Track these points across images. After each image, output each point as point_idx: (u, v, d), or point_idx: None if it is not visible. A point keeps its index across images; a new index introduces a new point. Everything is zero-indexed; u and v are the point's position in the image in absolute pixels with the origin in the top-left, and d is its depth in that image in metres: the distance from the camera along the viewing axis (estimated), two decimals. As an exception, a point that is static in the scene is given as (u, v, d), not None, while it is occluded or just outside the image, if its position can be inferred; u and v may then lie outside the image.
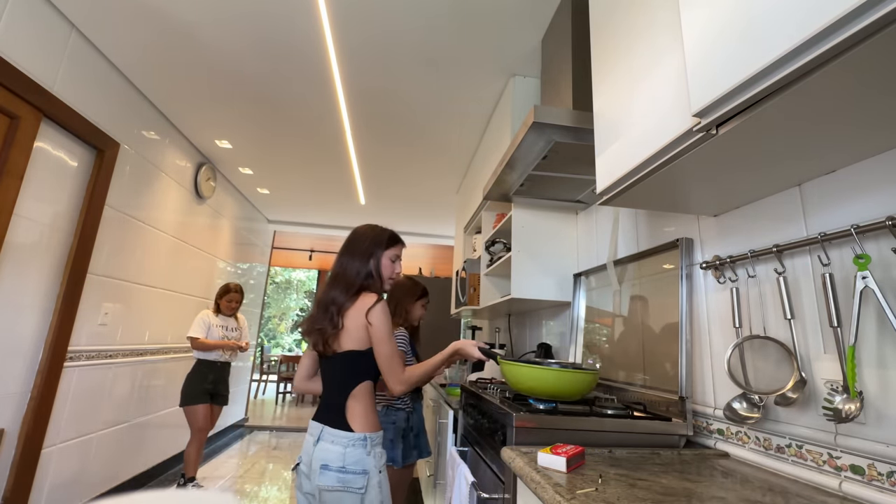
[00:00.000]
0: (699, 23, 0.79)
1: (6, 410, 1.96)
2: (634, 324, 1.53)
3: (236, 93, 2.68)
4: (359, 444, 1.19)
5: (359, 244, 1.36)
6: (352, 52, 2.22)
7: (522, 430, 1.11)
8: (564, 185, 1.79)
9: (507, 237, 2.24)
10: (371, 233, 1.39)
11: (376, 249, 1.35)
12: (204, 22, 2.06)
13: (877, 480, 0.79)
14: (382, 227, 1.43)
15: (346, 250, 1.37)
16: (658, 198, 1.16)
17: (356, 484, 1.16)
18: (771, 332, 1.03)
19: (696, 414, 1.23)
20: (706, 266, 1.22)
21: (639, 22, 1.07)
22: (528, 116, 1.39)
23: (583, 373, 1.26)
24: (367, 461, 1.18)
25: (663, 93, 0.94)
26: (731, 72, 0.69)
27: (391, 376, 1.23)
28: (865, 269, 0.81)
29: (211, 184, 3.81)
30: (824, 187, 0.94)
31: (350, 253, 1.36)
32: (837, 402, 0.82)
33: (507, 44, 2.09)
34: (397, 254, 1.40)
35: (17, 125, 1.86)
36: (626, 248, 1.65)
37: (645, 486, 0.81)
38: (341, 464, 1.17)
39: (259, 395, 7.73)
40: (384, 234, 1.40)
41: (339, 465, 1.17)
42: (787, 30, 0.60)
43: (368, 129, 3.06)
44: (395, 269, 1.38)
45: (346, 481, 1.16)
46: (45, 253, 2.11)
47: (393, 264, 1.38)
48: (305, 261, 7.68)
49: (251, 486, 3.19)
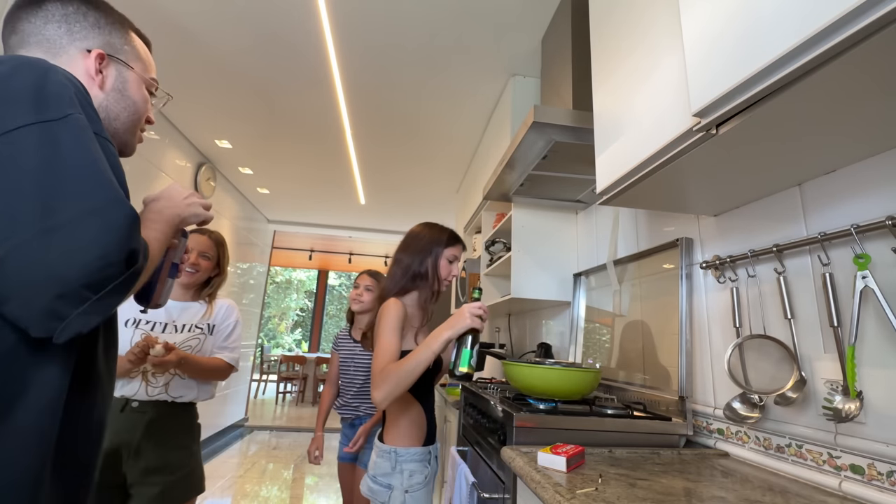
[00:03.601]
0: (699, 22, 0.79)
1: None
2: (634, 324, 1.53)
3: (236, 92, 2.68)
4: (386, 456, 1.14)
5: (416, 241, 1.28)
6: (352, 52, 2.22)
7: (522, 429, 1.11)
8: (564, 184, 1.79)
9: (507, 237, 2.24)
10: (429, 231, 1.31)
11: (435, 247, 1.27)
12: (204, 21, 2.06)
13: (877, 480, 0.79)
14: (442, 225, 1.34)
15: (403, 247, 1.30)
16: (658, 197, 1.16)
17: (380, 497, 1.12)
18: (771, 332, 1.03)
19: (696, 414, 1.23)
20: (706, 266, 1.22)
21: (639, 22, 1.07)
22: (528, 116, 1.39)
23: (586, 372, 1.26)
24: (392, 477, 1.12)
25: (663, 92, 0.94)
26: (731, 72, 0.69)
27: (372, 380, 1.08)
28: (865, 269, 0.81)
29: (211, 183, 3.81)
30: (824, 187, 0.94)
31: (405, 249, 1.28)
32: (837, 401, 0.82)
33: (507, 44, 2.09)
34: (456, 254, 1.30)
35: (17, 125, 1.85)
36: (626, 247, 1.65)
37: (645, 486, 0.81)
38: (373, 472, 1.15)
39: (259, 394, 7.74)
40: (444, 232, 1.31)
41: (372, 472, 1.15)
42: (787, 30, 0.60)
43: (368, 128, 3.05)
44: (452, 271, 1.28)
45: (374, 492, 1.13)
46: (45, 253, 2.11)
47: (451, 265, 1.29)
48: (305, 260, 7.70)
49: (251, 486, 3.19)
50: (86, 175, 0.52)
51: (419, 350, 1.07)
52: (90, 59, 0.68)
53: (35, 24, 0.67)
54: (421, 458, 1.16)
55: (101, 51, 0.70)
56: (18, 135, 0.50)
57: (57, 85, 0.55)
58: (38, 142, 0.51)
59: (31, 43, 0.67)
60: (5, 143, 0.50)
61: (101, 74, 0.70)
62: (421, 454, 1.17)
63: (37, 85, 0.54)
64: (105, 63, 0.70)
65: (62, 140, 0.52)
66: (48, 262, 0.47)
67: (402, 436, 1.15)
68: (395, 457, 1.13)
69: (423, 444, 1.19)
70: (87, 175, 0.52)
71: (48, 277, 0.47)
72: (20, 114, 0.51)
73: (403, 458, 1.13)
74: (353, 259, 7.78)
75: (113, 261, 0.50)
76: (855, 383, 0.81)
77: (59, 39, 0.67)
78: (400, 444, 1.14)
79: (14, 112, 0.51)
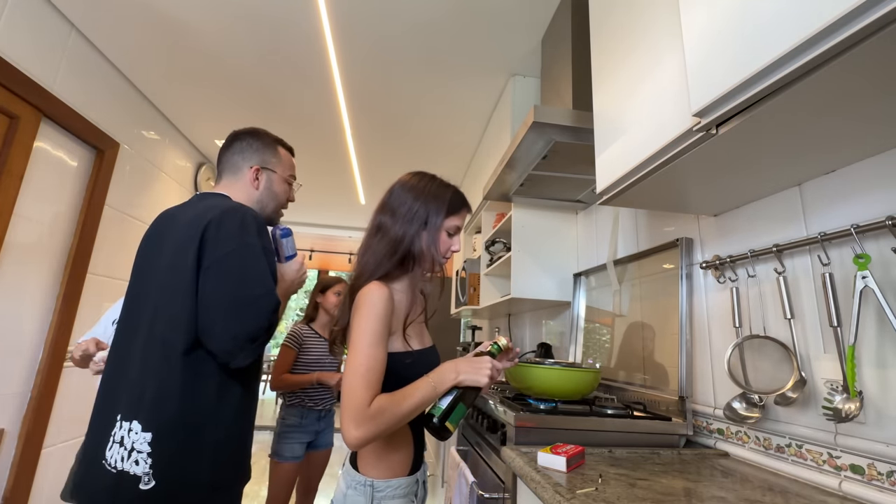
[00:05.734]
0: (699, 22, 0.79)
1: (6, 410, 1.96)
2: (634, 324, 1.53)
3: (236, 92, 2.68)
4: (360, 489, 0.87)
5: (406, 201, 0.94)
6: (351, 51, 2.22)
7: (522, 429, 1.11)
8: (564, 184, 1.79)
9: (507, 237, 2.24)
10: (425, 186, 0.96)
11: (433, 216, 0.93)
12: (204, 22, 2.06)
13: (877, 480, 0.79)
14: (442, 179, 1.00)
15: (388, 208, 0.96)
16: (658, 197, 1.16)
17: None
18: (771, 332, 1.03)
19: (696, 414, 1.23)
20: (706, 266, 1.22)
21: (639, 22, 1.07)
22: (528, 116, 1.39)
23: (586, 372, 1.26)
24: None
25: (663, 92, 0.94)
26: (731, 72, 0.69)
27: (344, 410, 0.79)
28: (865, 269, 0.81)
29: (211, 183, 3.81)
30: (824, 187, 0.94)
31: (391, 212, 0.95)
32: (837, 401, 0.82)
33: (507, 44, 2.09)
34: (459, 225, 0.97)
35: (17, 125, 1.86)
36: (626, 247, 1.65)
37: (645, 486, 0.81)
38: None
39: (259, 394, 7.74)
40: (446, 191, 0.97)
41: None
42: (787, 30, 0.60)
43: (368, 128, 3.05)
44: (451, 246, 0.96)
45: None
46: (45, 253, 2.11)
47: (451, 239, 0.96)
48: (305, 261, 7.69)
49: (251, 486, 3.19)
50: (257, 280, 0.94)
51: (424, 389, 0.83)
52: (252, 172, 1.15)
53: (227, 156, 1.17)
54: (406, 493, 0.89)
55: (257, 166, 1.16)
56: (230, 255, 0.93)
57: (248, 224, 0.98)
58: (239, 261, 0.94)
59: (226, 167, 1.16)
60: (223, 259, 0.92)
61: (257, 181, 1.16)
62: (406, 486, 0.89)
63: (238, 224, 0.97)
64: (259, 172, 1.17)
65: (248, 260, 0.95)
66: (233, 328, 0.89)
67: (381, 464, 0.88)
68: (372, 491, 0.86)
69: (408, 474, 0.91)
70: (257, 280, 0.95)
71: (233, 336, 0.89)
72: (230, 243, 0.94)
73: (383, 494, 0.86)
74: (352, 259, 7.77)
75: (262, 327, 0.93)
76: (855, 383, 0.81)
77: (238, 163, 1.16)
78: (379, 476, 0.87)
79: (227, 242, 0.94)
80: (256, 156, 1.16)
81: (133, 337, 0.96)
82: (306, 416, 2.02)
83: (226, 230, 0.94)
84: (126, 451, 0.86)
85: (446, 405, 0.84)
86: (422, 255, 0.93)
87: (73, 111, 2.15)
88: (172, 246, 0.97)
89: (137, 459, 0.86)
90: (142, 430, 0.87)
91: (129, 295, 1.03)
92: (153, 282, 0.97)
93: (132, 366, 0.93)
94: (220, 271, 0.91)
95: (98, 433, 0.92)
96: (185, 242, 0.94)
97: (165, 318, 0.92)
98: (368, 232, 0.98)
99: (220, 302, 0.90)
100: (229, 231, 0.94)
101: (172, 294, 0.93)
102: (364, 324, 0.83)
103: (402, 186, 0.98)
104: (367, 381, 0.79)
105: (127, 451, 0.86)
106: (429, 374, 0.86)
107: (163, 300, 0.94)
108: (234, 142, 1.17)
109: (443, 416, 0.83)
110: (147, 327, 0.94)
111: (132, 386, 0.91)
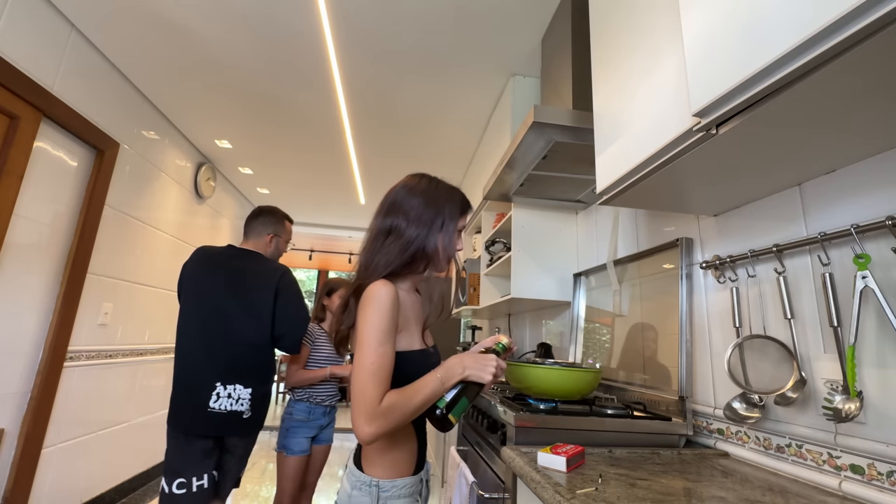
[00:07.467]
0: (699, 22, 0.79)
1: (6, 410, 1.96)
2: (634, 324, 1.53)
3: (236, 93, 2.68)
4: (365, 489, 0.88)
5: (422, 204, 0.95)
6: (351, 52, 2.22)
7: (522, 429, 1.11)
8: (564, 184, 1.79)
9: (507, 237, 2.24)
10: (436, 190, 0.97)
11: (448, 220, 0.95)
12: (204, 22, 2.06)
13: (877, 480, 0.79)
14: (449, 183, 1.01)
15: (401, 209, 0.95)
16: (658, 198, 1.16)
17: None
18: (771, 332, 1.03)
19: (696, 414, 1.23)
20: (706, 266, 1.22)
21: (639, 22, 1.07)
22: (528, 116, 1.39)
23: (586, 372, 1.26)
24: None
25: (663, 92, 0.94)
26: (731, 71, 0.69)
27: (356, 407, 0.80)
28: (865, 269, 0.81)
29: (211, 184, 3.81)
30: (824, 187, 0.94)
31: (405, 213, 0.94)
32: (837, 401, 0.82)
33: (507, 44, 2.09)
34: (465, 224, 1.02)
35: (17, 125, 1.86)
36: (626, 247, 1.65)
37: (645, 486, 0.81)
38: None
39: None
40: (456, 194, 1.00)
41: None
42: (787, 30, 0.60)
43: (368, 128, 3.05)
44: (458, 246, 0.99)
45: None
46: (45, 253, 2.11)
47: (458, 239, 0.99)
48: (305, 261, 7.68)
49: (251, 486, 3.19)
50: (303, 310, 1.77)
51: (433, 384, 0.84)
52: (268, 238, 1.84)
53: (254, 224, 1.85)
54: (411, 492, 0.90)
55: (271, 235, 1.85)
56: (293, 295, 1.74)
57: (291, 277, 1.77)
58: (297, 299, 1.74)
59: (253, 232, 1.83)
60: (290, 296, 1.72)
61: (270, 245, 1.85)
62: (411, 486, 0.91)
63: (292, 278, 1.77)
64: (272, 238, 1.85)
65: (299, 298, 1.76)
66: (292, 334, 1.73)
67: (386, 463, 0.89)
68: (378, 491, 0.87)
69: (413, 473, 0.92)
70: (304, 309, 1.77)
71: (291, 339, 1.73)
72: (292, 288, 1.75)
73: (389, 494, 0.87)
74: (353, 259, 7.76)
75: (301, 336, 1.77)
76: (855, 383, 0.81)
77: (260, 230, 1.84)
78: (384, 475, 0.89)
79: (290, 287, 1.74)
80: (272, 227, 1.86)
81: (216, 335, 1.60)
82: (313, 411, 2.08)
83: (286, 281, 1.73)
84: (234, 399, 1.58)
85: (450, 398, 0.86)
86: (436, 255, 0.94)
87: (73, 111, 2.15)
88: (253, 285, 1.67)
89: (242, 403, 1.60)
90: (243, 388, 1.60)
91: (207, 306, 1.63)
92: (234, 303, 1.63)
93: (220, 354, 1.59)
94: (289, 303, 1.70)
95: (199, 395, 1.55)
96: (265, 284, 1.68)
97: (253, 326, 1.63)
98: (375, 234, 0.96)
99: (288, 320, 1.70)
100: (289, 281, 1.74)
101: (259, 314, 1.65)
102: (373, 321, 0.83)
103: (409, 190, 0.97)
104: (378, 378, 0.80)
105: (234, 399, 1.58)
106: (436, 369, 0.87)
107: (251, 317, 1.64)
108: (260, 216, 1.85)
109: (447, 408, 0.85)
110: (236, 331, 1.61)
111: (226, 364, 1.59)
